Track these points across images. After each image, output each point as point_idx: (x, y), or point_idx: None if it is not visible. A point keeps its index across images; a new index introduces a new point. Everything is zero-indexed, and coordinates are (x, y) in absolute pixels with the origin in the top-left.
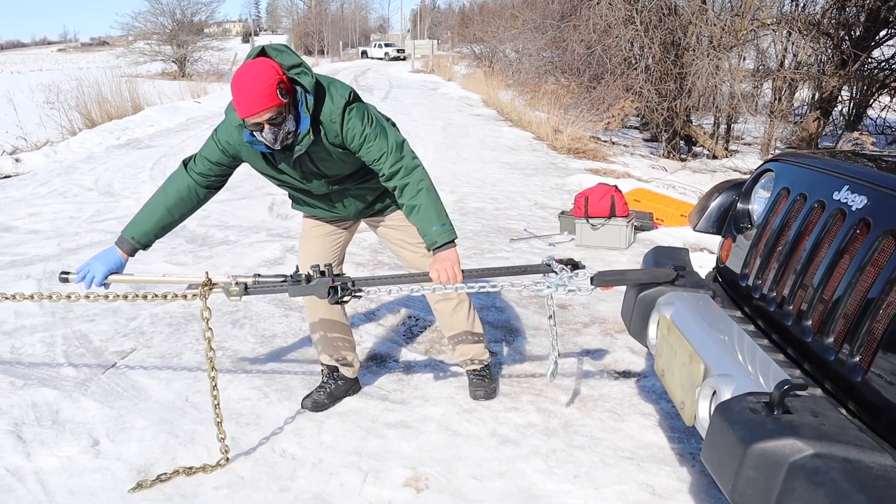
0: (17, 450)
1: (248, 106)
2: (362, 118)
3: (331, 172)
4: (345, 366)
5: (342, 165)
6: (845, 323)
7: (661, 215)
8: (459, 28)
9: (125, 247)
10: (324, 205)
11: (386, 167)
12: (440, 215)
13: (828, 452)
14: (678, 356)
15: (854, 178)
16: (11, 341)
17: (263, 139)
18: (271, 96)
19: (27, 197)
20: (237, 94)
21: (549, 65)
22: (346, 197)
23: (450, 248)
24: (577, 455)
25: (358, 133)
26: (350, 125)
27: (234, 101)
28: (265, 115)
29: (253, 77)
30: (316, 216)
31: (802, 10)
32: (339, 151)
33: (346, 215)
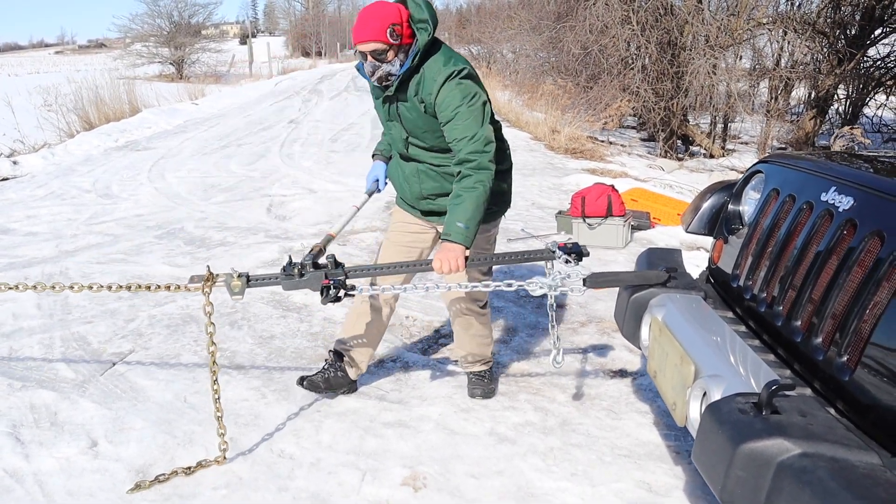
0: (16, 451)
1: (358, 33)
2: (465, 94)
3: (408, 124)
4: (350, 365)
5: (420, 122)
6: (833, 323)
7: (658, 214)
8: (457, 29)
9: (376, 156)
10: (403, 173)
11: (464, 151)
12: (471, 219)
13: (815, 452)
14: (670, 357)
15: (841, 180)
16: (10, 343)
17: (365, 68)
18: (380, 33)
19: (25, 199)
20: (358, 19)
21: (546, 65)
22: (419, 169)
23: (459, 245)
24: (575, 453)
25: (453, 105)
26: (449, 94)
27: (354, 25)
28: (369, 47)
29: (374, 10)
30: (401, 207)
31: (798, 9)
32: (422, 111)
33: (417, 198)
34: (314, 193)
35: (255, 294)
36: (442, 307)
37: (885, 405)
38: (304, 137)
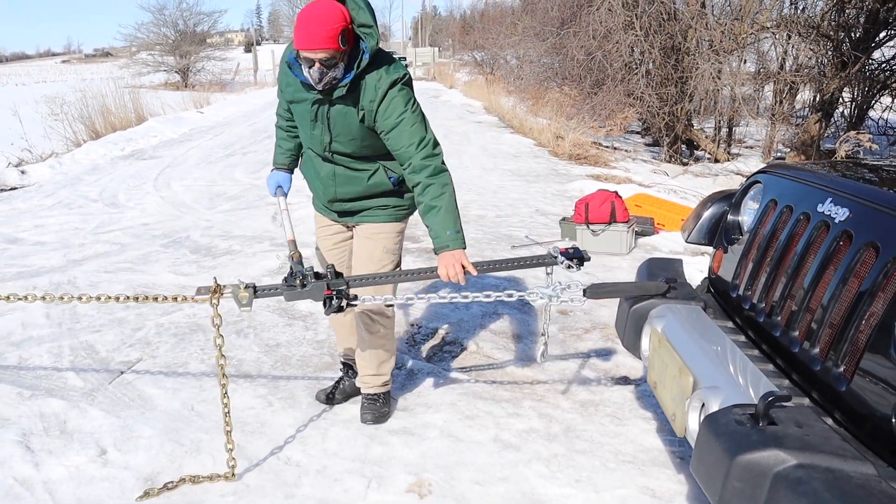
0: (26, 459)
1: (308, 40)
2: (407, 101)
3: (337, 129)
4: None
5: (352, 128)
6: (830, 333)
7: (663, 220)
8: (460, 35)
9: (277, 167)
10: (318, 175)
11: (418, 158)
12: (456, 222)
13: (811, 462)
14: (669, 369)
15: (837, 191)
16: (19, 352)
17: (309, 75)
18: (332, 40)
19: (33, 209)
20: (302, 25)
21: (550, 71)
22: (336, 172)
23: (457, 251)
24: (579, 459)
25: (398, 112)
26: (392, 101)
27: (297, 30)
28: (320, 55)
29: (322, 15)
30: (318, 211)
31: (802, 13)
32: (359, 118)
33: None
34: None
35: (260, 303)
36: (446, 313)
37: (881, 415)
38: None
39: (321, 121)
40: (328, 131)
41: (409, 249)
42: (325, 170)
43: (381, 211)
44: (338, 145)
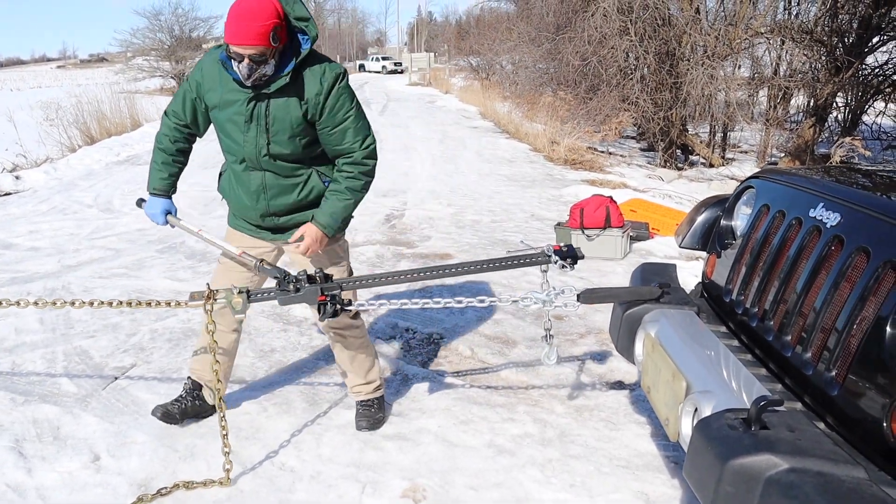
0: (19, 465)
1: (238, 35)
2: (352, 98)
3: (276, 126)
4: (210, 389)
5: (294, 125)
6: (822, 338)
7: (658, 225)
8: (456, 41)
9: (159, 191)
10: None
11: (359, 155)
12: (346, 218)
13: (802, 467)
14: (662, 373)
15: (828, 196)
16: (12, 358)
17: (238, 70)
18: (263, 37)
19: (27, 214)
20: (232, 19)
21: (546, 76)
22: (268, 183)
23: (323, 234)
24: (573, 464)
25: (346, 107)
26: (340, 96)
27: (227, 23)
28: (249, 51)
29: (254, 10)
30: (237, 229)
31: (795, 19)
32: (302, 112)
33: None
34: None
35: (256, 308)
36: (440, 318)
37: (872, 419)
38: None
39: (257, 120)
40: (265, 132)
41: (405, 255)
42: (255, 181)
43: None
44: (276, 146)
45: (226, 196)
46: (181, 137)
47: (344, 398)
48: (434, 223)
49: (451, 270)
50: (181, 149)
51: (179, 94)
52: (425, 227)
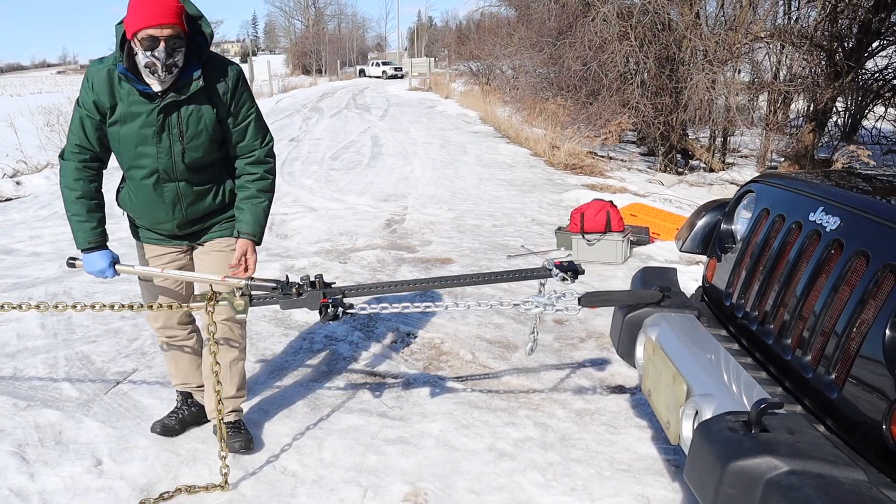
0: (21, 470)
1: (153, 15)
2: (252, 94)
3: (191, 132)
4: (201, 391)
5: (209, 127)
6: (822, 341)
7: (658, 229)
8: (456, 45)
9: (95, 245)
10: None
11: (262, 152)
12: (266, 216)
13: (802, 469)
14: (663, 377)
15: (828, 200)
16: (14, 363)
17: (154, 58)
18: (177, 15)
19: (28, 219)
20: (139, 3)
21: (546, 81)
22: (183, 192)
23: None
24: (574, 468)
25: (248, 104)
26: (244, 93)
27: (134, 9)
28: (167, 31)
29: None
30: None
31: (795, 23)
32: (214, 114)
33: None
34: (315, 212)
35: (257, 313)
36: (442, 323)
37: (872, 422)
38: (305, 156)
39: (170, 129)
40: (179, 140)
41: (405, 259)
42: (170, 193)
43: (230, 222)
44: (191, 154)
45: (132, 212)
46: (93, 175)
47: (345, 402)
48: (435, 228)
49: (452, 282)
50: (98, 188)
51: (76, 126)
52: (426, 231)
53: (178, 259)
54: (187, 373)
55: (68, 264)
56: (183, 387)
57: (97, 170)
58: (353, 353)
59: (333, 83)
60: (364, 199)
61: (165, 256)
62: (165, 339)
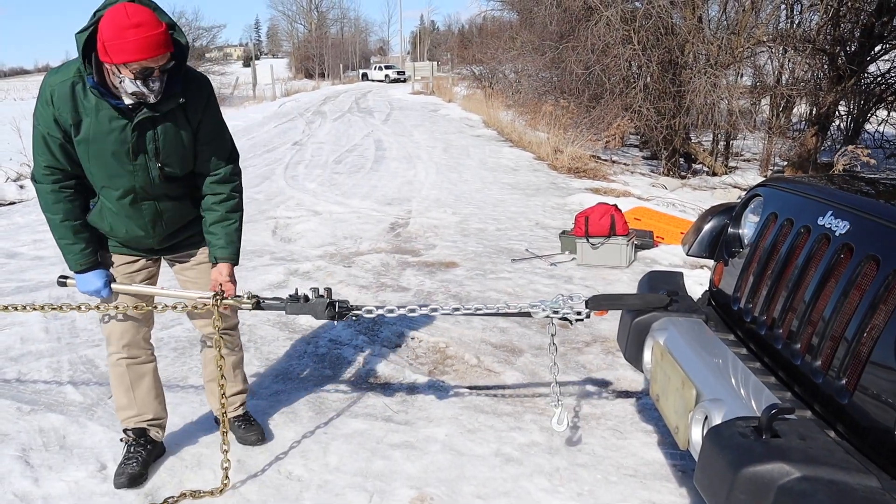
0: (25, 475)
1: (150, 47)
2: (220, 111)
3: (168, 149)
4: (156, 426)
5: (185, 144)
6: (832, 346)
7: (662, 233)
8: (459, 49)
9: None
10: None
11: (228, 170)
12: (239, 236)
13: (815, 475)
14: (671, 381)
15: (837, 204)
16: (18, 367)
17: (146, 88)
18: (169, 41)
19: (32, 223)
20: (133, 33)
21: (549, 85)
22: (161, 208)
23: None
24: (581, 473)
25: (217, 119)
26: (214, 109)
27: (124, 41)
28: (161, 61)
29: (149, 18)
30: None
31: (798, 27)
32: (191, 130)
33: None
34: (319, 215)
35: (261, 317)
36: (447, 327)
37: (884, 427)
38: (308, 159)
39: (146, 146)
40: (155, 157)
41: (410, 263)
42: (148, 211)
43: None
44: (169, 170)
45: (108, 232)
46: (71, 194)
47: (350, 406)
48: (439, 231)
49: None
50: (81, 205)
51: (40, 147)
52: (430, 235)
53: (148, 266)
54: (144, 402)
55: (59, 283)
56: (137, 421)
57: (75, 187)
58: (357, 357)
59: (336, 87)
60: (368, 202)
61: (136, 264)
62: (128, 360)
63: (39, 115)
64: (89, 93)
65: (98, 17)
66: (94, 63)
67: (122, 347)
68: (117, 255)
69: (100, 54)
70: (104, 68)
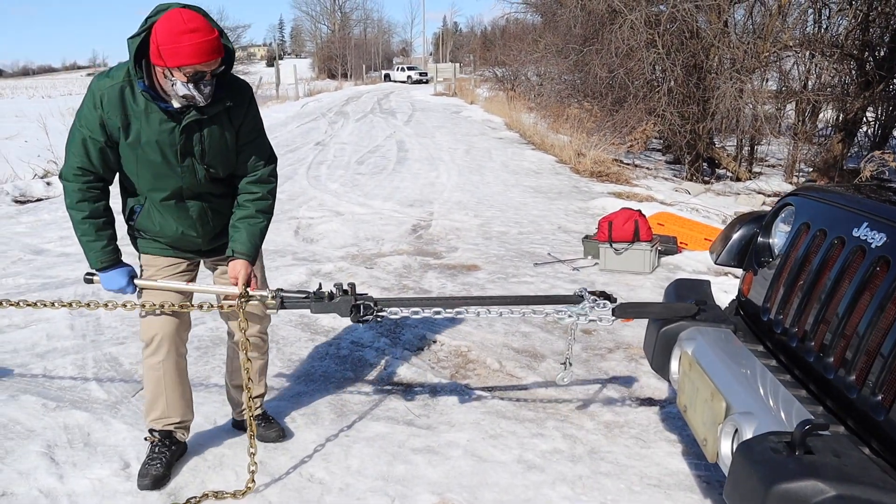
0: (51, 471)
1: (203, 52)
2: (260, 114)
3: (213, 151)
4: (182, 428)
5: (230, 146)
6: (867, 360)
7: (685, 239)
8: (481, 51)
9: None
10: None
11: (266, 171)
12: (263, 237)
13: (850, 494)
14: (700, 393)
15: (873, 215)
16: (44, 363)
17: (197, 91)
18: (221, 48)
19: (58, 220)
20: (186, 38)
21: (572, 88)
22: (209, 207)
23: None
24: (604, 482)
25: (258, 120)
26: (255, 110)
27: (179, 45)
28: (213, 66)
29: (203, 23)
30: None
31: (825, 32)
32: (234, 132)
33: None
34: (341, 216)
35: (283, 317)
36: (469, 331)
37: None
38: (331, 160)
39: (192, 149)
40: (201, 159)
41: (431, 265)
42: (196, 210)
43: None
44: (214, 171)
45: (157, 231)
46: (98, 194)
47: (372, 409)
48: (461, 234)
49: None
50: (105, 205)
51: (78, 147)
52: (452, 237)
53: (191, 270)
54: (174, 405)
55: (86, 280)
56: (165, 424)
57: (102, 189)
58: (379, 359)
59: (359, 87)
60: (390, 204)
61: (178, 266)
62: (166, 362)
63: (84, 117)
64: (139, 96)
65: (151, 22)
66: (143, 67)
67: (163, 349)
68: (162, 257)
69: (152, 57)
70: (154, 72)
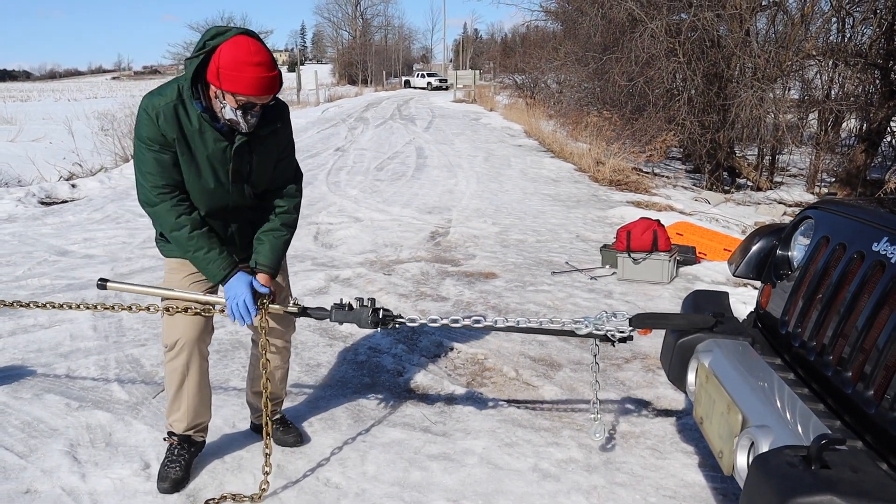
0: (73, 470)
1: (265, 87)
2: (292, 131)
3: (259, 170)
4: (202, 431)
5: (271, 165)
6: (886, 375)
7: (704, 249)
8: (501, 58)
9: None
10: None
11: (294, 187)
12: (285, 251)
13: None
14: (716, 405)
15: (893, 230)
16: (67, 363)
17: (244, 119)
18: (278, 85)
19: (82, 222)
20: (252, 71)
21: (591, 96)
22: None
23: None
24: (619, 492)
25: (290, 142)
26: (289, 131)
27: (243, 75)
28: (266, 100)
29: (270, 60)
30: None
31: (849, 41)
32: (278, 151)
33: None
34: (360, 222)
35: (302, 322)
36: (486, 339)
37: None
38: (350, 165)
39: (241, 167)
40: (249, 178)
41: (449, 272)
42: (236, 223)
43: None
44: (258, 189)
45: None
46: (190, 205)
47: (389, 415)
48: (479, 241)
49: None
50: (200, 213)
51: (152, 166)
52: (470, 245)
53: None
54: (196, 410)
55: (98, 286)
56: (185, 428)
57: (189, 200)
58: (396, 365)
59: (379, 93)
60: (408, 210)
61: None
62: (191, 367)
63: (147, 136)
64: (192, 115)
65: (210, 46)
66: (200, 89)
67: (185, 353)
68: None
69: (209, 75)
70: (208, 90)
